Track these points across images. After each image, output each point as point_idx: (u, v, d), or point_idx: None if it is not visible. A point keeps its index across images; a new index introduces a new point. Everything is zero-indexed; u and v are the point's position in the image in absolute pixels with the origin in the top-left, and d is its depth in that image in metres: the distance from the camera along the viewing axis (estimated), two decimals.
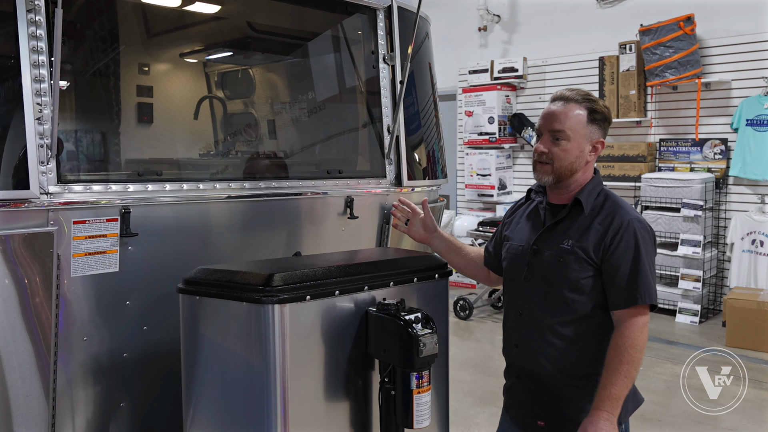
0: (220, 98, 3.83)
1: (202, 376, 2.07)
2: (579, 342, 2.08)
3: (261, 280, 1.87)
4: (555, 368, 2.09)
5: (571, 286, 2.06)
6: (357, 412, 2.07)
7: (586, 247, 2.06)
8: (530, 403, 2.17)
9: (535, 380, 2.15)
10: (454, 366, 2.74)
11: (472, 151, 8.37)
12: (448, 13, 8.56)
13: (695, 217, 6.48)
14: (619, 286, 2.03)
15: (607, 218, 2.09)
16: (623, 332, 2.01)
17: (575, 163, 2.12)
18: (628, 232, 2.05)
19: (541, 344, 2.11)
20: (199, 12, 3.05)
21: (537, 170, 2.16)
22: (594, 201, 2.13)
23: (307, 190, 2.78)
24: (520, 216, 2.31)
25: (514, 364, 2.22)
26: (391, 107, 3.07)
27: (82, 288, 2.21)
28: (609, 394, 1.97)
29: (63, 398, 2.23)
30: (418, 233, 2.53)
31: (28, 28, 2.05)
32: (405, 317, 1.95)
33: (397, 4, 3.09)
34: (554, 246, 2.12)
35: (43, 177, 2.07)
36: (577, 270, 2.06)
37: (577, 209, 2.14)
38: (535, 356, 2.13)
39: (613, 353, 2.00)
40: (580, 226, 2.11)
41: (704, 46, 6.75)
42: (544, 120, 2.15)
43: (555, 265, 2.09)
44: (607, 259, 2.05)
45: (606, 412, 1.97)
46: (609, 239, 2.05)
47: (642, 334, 2.01)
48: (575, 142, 2.11)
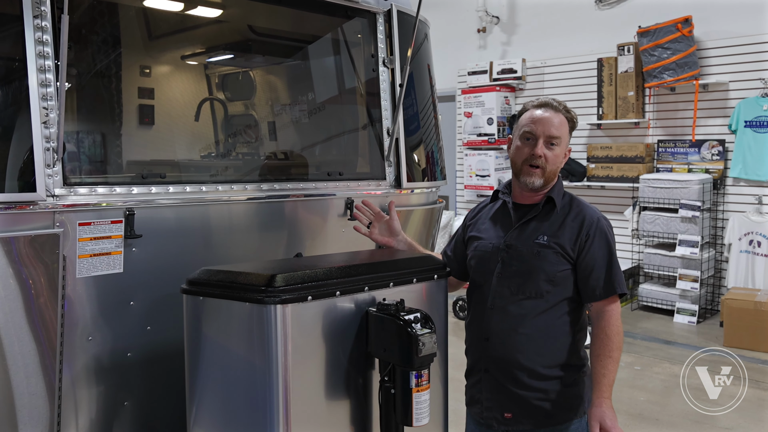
0: (221, 100, 3.86)
1: (205, 376, 2.10)
2: (549, 332, 2.22)
3: (263, 281, 1.91)
4: (526, 358, 2.21)
5: (547, 278, 2.20)
6: (357, 411, 2.10)
7: (563, 243, 2.20)
8: (498, 395, 2.26)
9: (504, 372, 2.24)
10: (453, 366, 2.77)
11: (471, 152, 8.41)
12: (447, 15, 8.59)
13: (693, 218, 6.51)
14: (598, 278, 2.19)
15: (578, 216, 2.24)
16: (608, 322, 2.20)
17: (558, 168, 2.27)
18: (600, 229, 2.22)
19: (513, 335, 2.22)
20: (201, 15, 3.08)
21: (529, 173, 2.24)
22: (562, 200, 2.28)
23: (307, 192, 2.81)
24: (485, 217, 2.41)
25: (483, 357, 2.30)
26: (390, 110, 3.10)
27: (87, 289, 2.24)
28: (609, 381, 2.16)
29: (68, 397, 2.26)
30: (381, 237, 2.57)
31: (35, 33, 2.08)
32: (404, 317, 1.98)
33: (396, 8, 3.12)
34: (528, 241, 2.23)
35: (49, 180, 2.10)
36: (554, 263, 2.20)
37: (547, 207, 2.27)
38: (507, 347, 2.22)
39: (602, 343, 2.18)
40: (552, 223, 2.24)
41: (702, 48, 6.79)
42: (538, 125, 2.23)
43: (532, 259, 2.21)
44: (583, 256, 2.20)
45: (608, 399, 2.15)
46: (584, 236, 2.20)
47: (620, 321, 2.22)
48: (562, 148, 2.26)
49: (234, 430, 2.02)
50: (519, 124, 2.29)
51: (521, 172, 2.25)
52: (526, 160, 2.23)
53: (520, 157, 2.25)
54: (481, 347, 2.30)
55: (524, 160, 2.24)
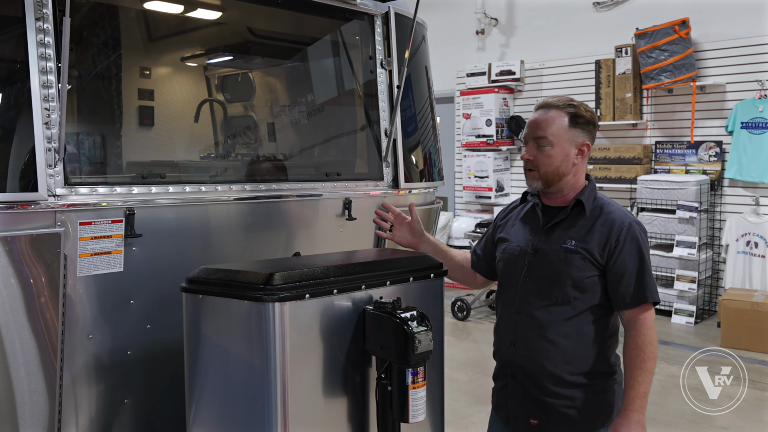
0: (220, 102, 3.89)
1: (204, 373, 2.13)
2: (576, 339, 2.14)
3: (262, 279, 1.93)
4: (552, 365, 2.14)
5: (574, 284, 2.12)
6: (354, 408, 2.12)
7: (591, 248, 2.13)
8: (524, 401, 2.20)
9: (530, 377, 2.18)
10: (451, 366, 2.80)
11: (470, 153, 8.43)
12: (446, 17, 8.63)
13: (690, 219, 6.54)
14: (628, 286, 2.11)
15: (608, 221, 2.15)
16: (639, 331, 2.10)
17: (561, 167, 2.18)
18: (631, 235, 2.13)
19: (540, 341, 2.16)
20: (200, 17, 3.11)
21: (527, 177, 2.24)
22: (592, 204, 2.20)
23: (306, 192, 2.83)
24: (515, 218, 2.34)
25: (509, 362, 2.24)
26: (388, 111, 3.13)
27: (88, 287, 2.27)
28: (638, 393, 2.06)
29: (69, 396, 2.28)
30: (405, 238, 2.54)
31: (37, 35, 2.11)
32: (401, 315, 2.00)
33: (394, 11, 3.15)
34: (555, 246, 2.17)
35: (50, 179, 2.12)
36: (582, 269, 2.12)
37: (576, 211, 2.19)
38: (533, 353, 2.17)
39: (633, 353, 2.09)
40: (581, 228, 2.16)
41: (699, 50, 6.82)
42: (528, 128, 2.22)
43: (559, 264, 2.14)
44: (612, 261, 2.12)
45: (636, 412, 2.05)
46: (614, 241, 2.12)
47: (654, 330, 2.12)
48: (559, 147, 2.16)
49: (233, 428, 2.05)
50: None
51: (525, 175, 2.26)
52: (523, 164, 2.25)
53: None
54: (507, 352, 2.25)
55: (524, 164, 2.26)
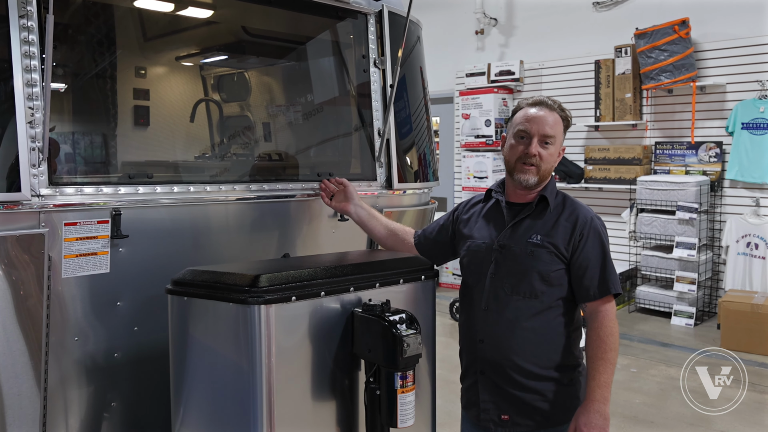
0: (215, 101, 3.86)
1: (190, 376, 2.10)
2: (544, 332, 2.19)
3: (247, 281, 1.90)
4: (521, 359, 2.18)
5: (541, 278, 2.17)
6: (343, 412, 2.09)
7: (556, 243, 2.18)
8: (494, 397, 2.24)
9: (500, 373, 2.21)
10: (448, 367, 2.75)
11: (469, 153, 8.40)
12: (444, 17, 8.60)
13: (690, 220, 6.50)
14: (592, 278, 2.17)
15: (572, 216, 2.22)
16: (601, 323, 2.16)
17: (552, 167, 2.25)
18: (593, 229, 2.20)
19: (509, 336, 2.19)
20: (194, 16, 3.08)
21: (523, 171, 2.22)
22: (555, 200, 2.26)
23: (297, 193, 2.80)
24: (478, 215, 2.38)
25: (477, 359, 2.27)
26: (381, 110, 3.09)
27: (74, 289, 2.24)
28: (599, 383, 2.11)
29: (54, 398, 2.25)
30: (338, 204, 2.69)
31: (20, 33, 2.08)
32: (389, 318, 1.98)
33: (387, 9, 3.12)
34: (521, 241, 2.21)
35: (34, 179, 2.09)
36: (548, 263, 2.18)
37: (540, 206, 2.25)
38: (502, 349, 2.20)
39: (595, 344, 2.15)
40: (545, 223, 2.22)
41: (699, 50, 6.78)
42: (532, 123, 2.21)
43: (525, 258, 2.19)
44: (577, 255, 2.18)
45: (597, 402, 2.10)
46: (578, 235, 2.18)
47: (615, 321, 2.19)
48: (556, 147, 2.24)
49: (219, 431, 2.02)
50: (513, 122, 2.27)
51: (515, 169, 2.23)
52: (520, 158, 2.22)
53: (514, 155, 2.24)
54: (475, 349, 2.27)
55: (518, 158, 2.22)
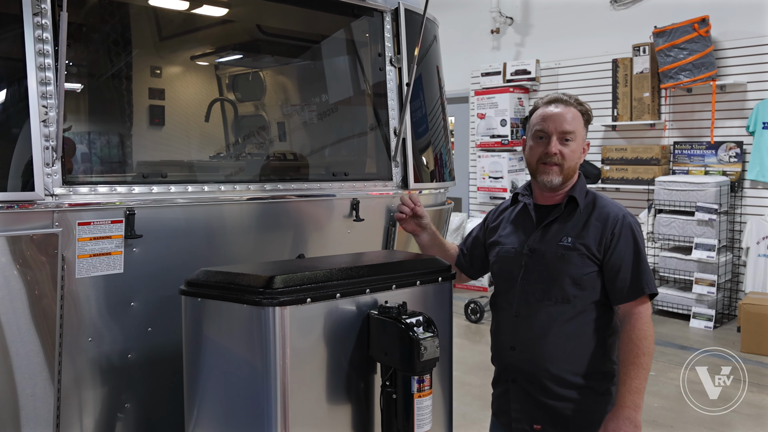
0: (230, 101, 3.85)
1: (204, 378, 2.07)
2: (578, 338, 2.11)
3: (262, 283, 1.87)
4: (554, 366, 2.11)
5: (573, 282, 2.09)
6: (358, 415, 2.05)
7: (588, 243, 2.10)
8: (526, 406, 2.16)
9: (532, 381, 2.14)
10: (463, 369, 2.71)
11: (485, 153, 8.34)
12: (460, 16, 8.55)
13: (710, 221, 6.40)
14: (624, 279, 2.08)
15: (603, 215, 2.14)
16: (634, 325, 2.07)
17: (577, 164, 2.18)
18: (625, 227, 2.12)
19: (541, 343, 2.12)
20: (209, 15, 3.06)
21: (545, 172, 2.15)
22: (585, 199, 2.18)
23: (312, 193, 2.77)
24: (507, 220, 2.31)
25: (510, 366, 2.20)
26: (397, 110, 3.06)
27: (87, 289, 2.22)
28: (630, 388, 2.03)
29: (68, 398, 2.24)
30: (411, 226, 2.53)
31: (35, 31, 2.06)
32: (406, 320, 1.93)
33: (404, 7, 3.08)
34: (551, 244, 2.14)
35: (48, 179, 2.08)
36: (580, 266, 2.10)
37: (570, 207, 2.17)
38: (534, 356, 2.13)
39: (627, 347, 2.06)
40: (576, 224, 2.14)
41: (719, 48, 6.68)
42: (549, 122, 2.15)
43: (556, 262, 2.11)
44: (609, 255, 2.10)
45: (628, 408, 2.02)
46: (609, 234, 2.10)
47: (650, 324, 2.09)
48: (578, 143, 2.17)
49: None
50: (531, 123, 2.21)
51: (537, 171, 2.17)
52: (540, 158, 2.15)
53: (534, 156, 2.17)
54: (507, 356, 2.20)
55: (539, 159, 2.16)
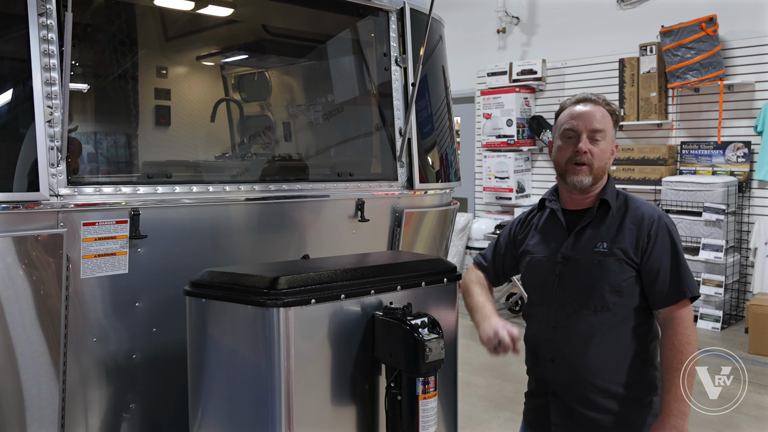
0: (236, 101, 3.85)
1: (208, 379, 2.07)
2: (619, 347, 2.04)
3: (266, 284, 1.86)
4: (597, 378, 2.03)
5: (612, 289, 2.02)
6: (363, 417, 2.04)
7: (624, 248, 2.02)
8: (568, 419, 2.07)
9: (574, 394, 2.06)
10: (469, 370, 2.69)
11: (491, 153, 8.32)
12: (466, 15, 8.52)
13: (717, 222, 6.36)
14: (664, 282, 2.01)
15: (637, 216, 2.05)
16: (676, 330, 2.00)
17: (607, 164, 2.10)
18: (662, 228, 2.04)
19: (582, 355, 2.04)
20: (215, 15, 3.06)
21: (575, 172, 2.06)
22: (616, 201, 2.10)
23: (317, 193, 2.76)
24: (535, 228, 2.22)
25: (549, 379, 2.11)
26: (403, 110, 3.05)
27: (92, 289, 2.22)
28: (675, 396, 1.96)
29: (73, 399, 2.24)
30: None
31: (40, 31, 2.06)
32: (411, 322, 1.92)
33: (409, 6, 3.07)
34: (586, 251, 2.06)
35: (53, 179, 2.08)
36: (618, 272, 2.02)
37: (602, 211, 2.09)
38: (576, 368, 2.05)
39: (671, 354, 1.99)
40: (610, 228, 2.06)
41: (727, 48, 6.63)
42: (578, 120, 2.07)
43: (593, 269, 2.03)
44: (646, 259, 2.02)
45: (674, 417, 1.95)
46: (645, 237, 2.02)
47: (693, 328, 2.02)
48: (607, 143, 2.09)
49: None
50: (558, 123, 2.13)
51: (567, 172, 2.08)
52: (570, 159, 2.07)
53: (563, 156, 2.09)
54: (546, 369, 2.11)
55: (568, 159, 2.07)
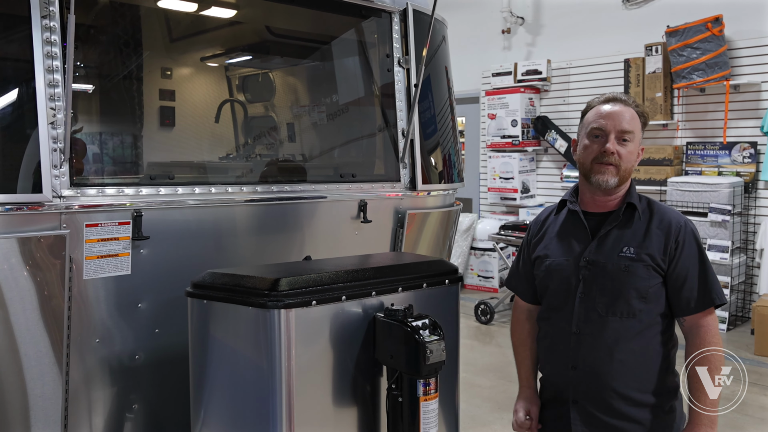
0: (240, 102, 3.85)
1: (210, 380, 2.07)
2: (644, 353, 2.01)
3: (267, 285, 1.87)
4: (622, 385, 2.00)
5: (639, 295, 1.99)
6: (364, 418, 2.05)
7: (652, 254, 1.99)
8: (590, 428, 2.04)
9: (597, 402, 2.02)
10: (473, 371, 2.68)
11: (495, 154, 8.31)
12: (471, 16, 8.51)
13: (723, 222, 6.33)
14: (691, 289, 1.99)
15: (663, 222, 2.03)
16: (703, 338, 1.99)
17: (632, 167, 2.06)
18: (689, 235, 2.01)
19: (608, 362, 2.00)
20: (219, 17, 3.07)
21: (600, 171, 2.01)
22: (640, 205, 2.07)
23: (320, 194, 2.76)
24: (552, 231, 2.17)
25: (570, 387, 2.06)
26: (406, 111, 3.05)
27: (95, 290, 2.23)
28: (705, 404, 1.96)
29: (76, 399, 2.25)
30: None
31: (43, 33, 2.07)
32: (412, 323, 1.92)
33: (412, 7, 3.07)
34: (612, 255, 2.02)
35: (56, 180, 2.09)
36: (646, 278, 1.99)
37: (627, 214, 2.06)
38: (601, 375, 2.01)
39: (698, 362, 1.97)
40: (635, 232, 2.03)
41: (732, 48, 6.60)
42: (607, 119, 2.02)
43: (620, 275, 1.99)
44: (674, 266, 2.00)
45: (704, 426, 1.95)
46: (673, 243, 2.00)
47: (719, 336, 2.01)
48: (635, 145, 2.05)
49: None
50: (585, 122, 2.08)
51: (591, 171, 2.03)
52: (596, 158, 2.02)
53: (589, 156, 2.04)
54: (567, 376, 2.06)
55: (594, 158, 2.02)
